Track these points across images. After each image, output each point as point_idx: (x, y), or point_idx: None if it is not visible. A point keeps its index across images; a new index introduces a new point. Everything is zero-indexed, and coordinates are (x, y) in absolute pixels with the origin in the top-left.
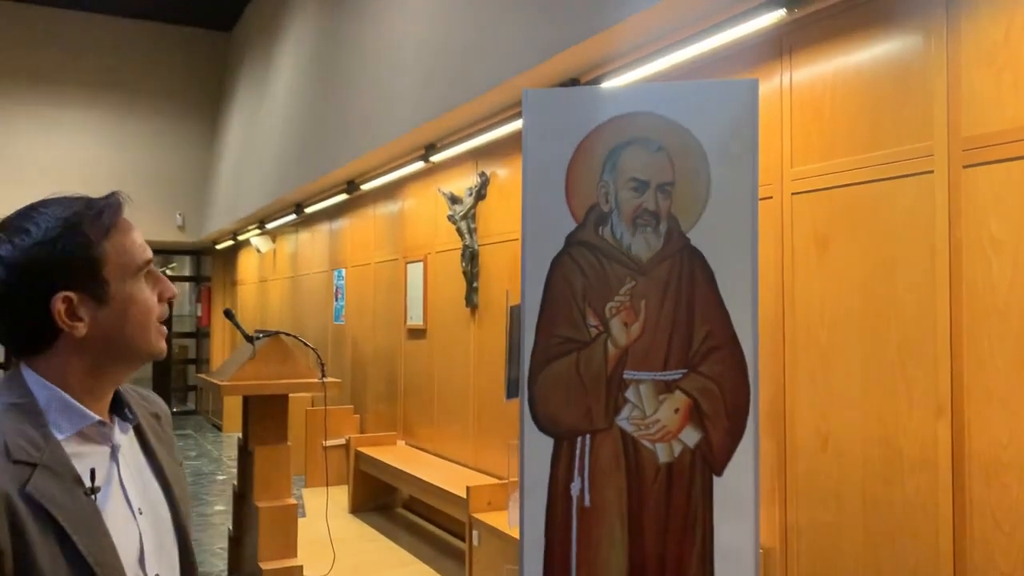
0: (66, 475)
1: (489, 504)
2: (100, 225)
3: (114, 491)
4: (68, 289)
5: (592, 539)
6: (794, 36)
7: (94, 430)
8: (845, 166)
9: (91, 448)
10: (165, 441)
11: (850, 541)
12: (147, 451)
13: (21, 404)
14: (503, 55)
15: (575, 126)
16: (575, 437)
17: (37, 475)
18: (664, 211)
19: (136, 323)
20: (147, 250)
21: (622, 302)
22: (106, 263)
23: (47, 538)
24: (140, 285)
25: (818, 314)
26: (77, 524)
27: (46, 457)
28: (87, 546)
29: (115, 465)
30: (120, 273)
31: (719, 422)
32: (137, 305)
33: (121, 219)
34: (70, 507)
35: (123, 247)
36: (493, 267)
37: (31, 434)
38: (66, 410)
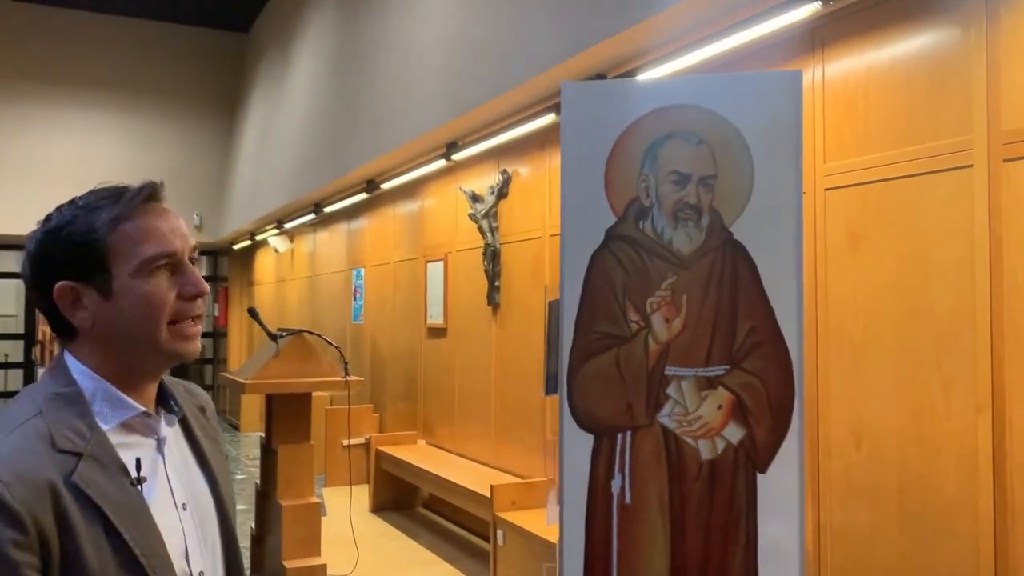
0: (112, 465)
1: (513, 503)
2: (110, 214)
3: (160, 484)
4: (70, 278)
5: (633, 537)
6: (826, 30)
7: (139, 421)
8: (879, 161)
9: (136, 439)
10: (210, 434)
11: (886, 541)
12: (193, 444)
13: (66, 393)
14: (528, 52)
15: (614, 119)
16: (615, 434)
17: (83, 465)
18: (706, 205)
19: (139, 319)
20: (167, 242)
21: (663, 297)
22: (110, 253)
23: (93, 528)
24: (149, 279)
25: (851, 311)
26: (123, 514)
27: (91, 447)
28: (133, 537)
29: (160, 458)
30: (125, 265)
31: (763, 419)
32: (140, 300)
33: (142, 207)
34: (116, 497)
35: (131, 237)
36: (515, 266)
37: (76, 424)
38: (111, 400)
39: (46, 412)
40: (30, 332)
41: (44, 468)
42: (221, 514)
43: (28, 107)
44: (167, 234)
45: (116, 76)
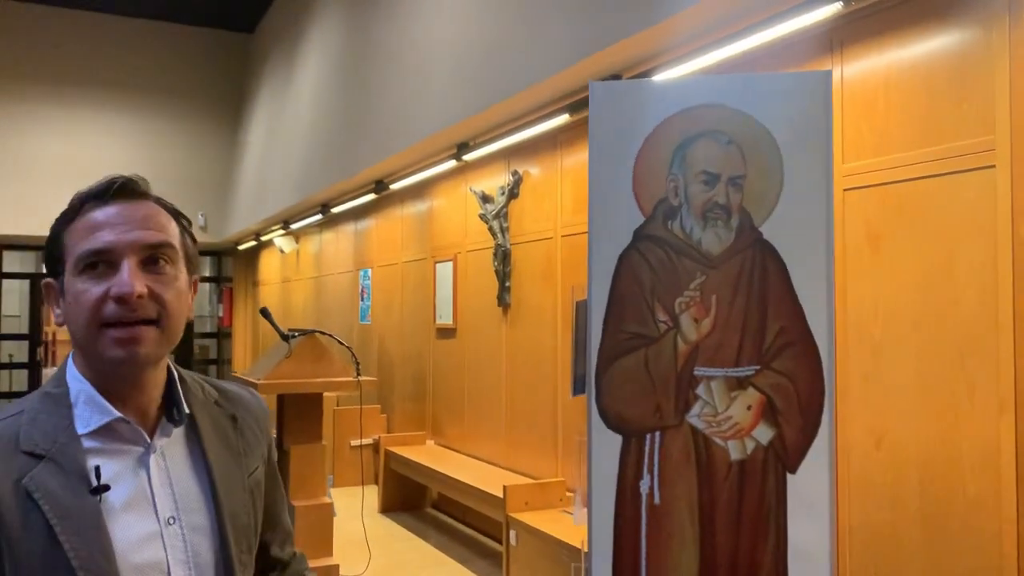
0: (73, 471)
1: (526, 504)
2: (67, 213)
3: (136, 494)
4: (51, 276)
5: (662, 537)
6: (844, 31)
7: (124, 427)
8: (900, 162)
9: (118, 446)
10: (234, 446)
11: (908, 541)
12: (199, 454)
13: (55, 394)
14: (541, 53)
15: (643, 119)
16: (644, 434)
17: (41, 467)
18: (735, 205)
19: (73, 322)
20: (101, 240)
21: (692, 297)
22: (65, 252)
23: (32, 532)
24: (79, 278)
25: (871, 311)
26: (68, 523)
27: (56, 451)
28: (75, 547)
29: (144, 468)
30: (68, 264)
31: (793, 419)
32: (72, 301)
33: (91, 205)
34: (65, 504)
35: (77, 234)
36: (526, 266)
37: (51, 426)
38: (91, 403)
39: (28, 411)
40: (35, 332)
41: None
42: (220, 532)
43: (36, 108)
44: (104, 231)
45: (122, 77)
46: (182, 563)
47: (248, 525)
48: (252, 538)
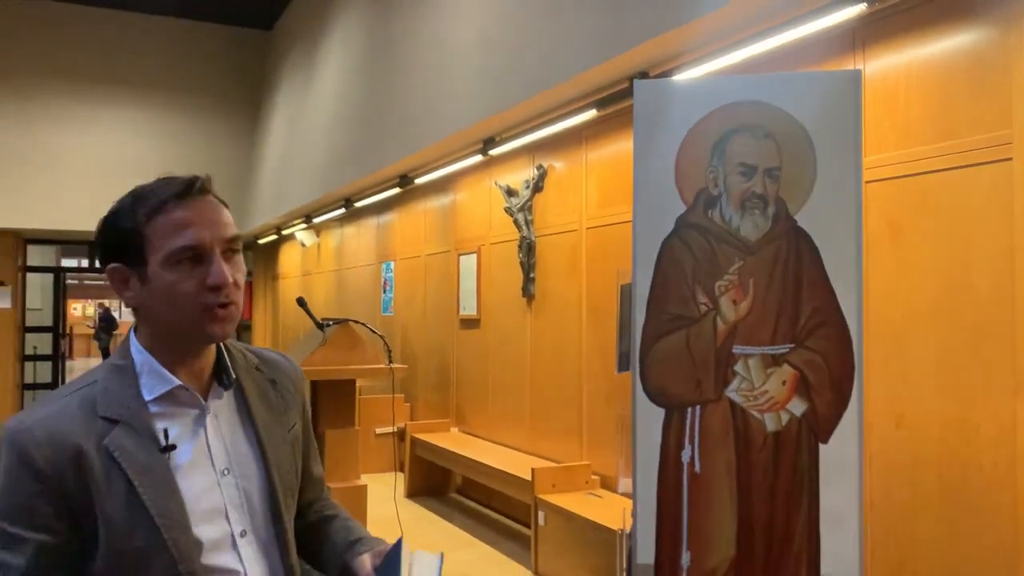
0: (144, 433)
1: (554, 486)
2: (147, 207)
3: (197, 451)
4: (120, 261)
5: (702, 503)
6: (867, 30)
7: (183, 393)
8: (919, 155)
9: (178, 410)
10: (275, 406)
11: (926, 516)
12: (246, 414)
13: (121, 366)
14: (568, 51)
15: (684, 115)
16: (685, 408)
17: (117, 430)
18: (771, 194)
19: (170, 307)
20: (196, 236)
21: (731, 281)
22: (146, 244)
23: (115, 487)
24: (173, 270)
25: (892, 297)
26: (145, 478)
27: (129, 415)
28: (152, 499)
29: (203, 427)
30: (155, 255)
31: (825, 393)
32: (166, 289)
33: (179, 201)
34: (141, 462)
35: (161, 231)
36: (551, 258)
37: (122, 394)
38: (154, 374)
39: (101, 381)
40: (57, 325)
41: (78, 433)
42: (268, 480)
43: (58, 105)
44: (194, 228)
45: (142, 73)
46: (237, 507)
47: (290, 473)
48: (295, 484)
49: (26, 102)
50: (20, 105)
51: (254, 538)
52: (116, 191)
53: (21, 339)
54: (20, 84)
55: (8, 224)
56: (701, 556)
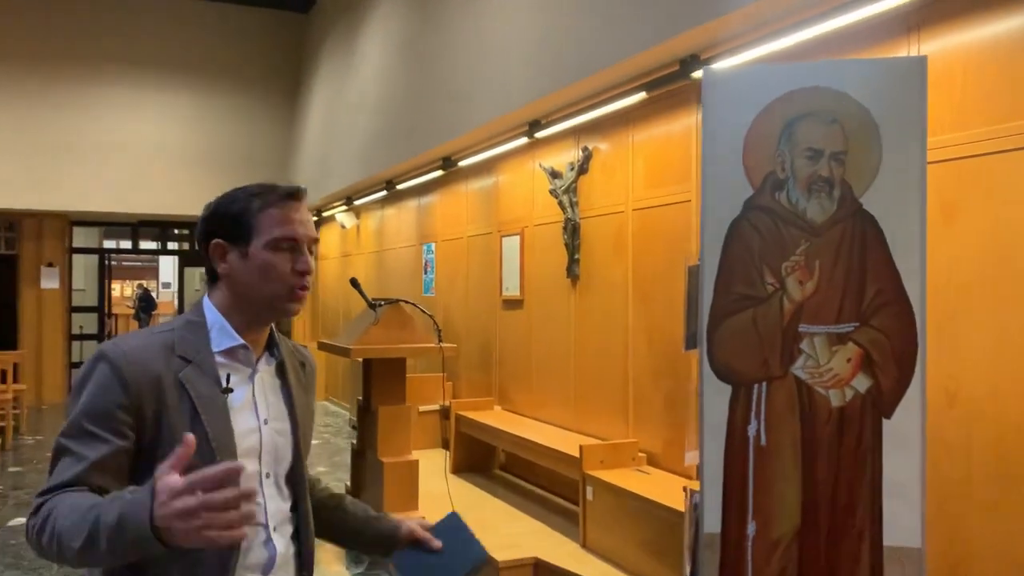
0: (210, 373)
1: (601, 463)
2: (261, 201)
3: (246, 400)
4: (223, 238)
5: (767, 475)
6: (922, 13)
7: (241, 352)
8: (974, 137)
9: (236, 365)
10: (304, 384)
11: (980, 495)
12: (284, 384)
13: (196, 321)
14: (617, 35)
15: (752, 100)
16: (752, 384)
17: (190, 368)
18: (837, 178)
19: (263, 280)
20: (295, 231)
21: (797, 261)
22: (254, 229)
23: (183, 409)
24: (275, 254)
25: (945, 278)
26: (208, 408)
27: (200, 358)
28: (211, 425)
29: (252, 383)
30: (261, 238)
31: (888, 370)
32: (266, 267)
33: (284, 202)
34: (206, 395)
35: (272, 222)
36: (596, 239)
37: (196, 342)
38: (223, 331)
39: (178, 330)
40: (102, 305)
41: (158, 363)
42: (294, 435)
43: (95, 89)
44: (295, 225)
45: (182, 56)
46: (269, 452)
47: (309, 439)
48: (310, 446)
49: (73, 88)
50: (68, 91)
51: (275, 482)
52: (158, 173)
53: (68, 319)
54: (67, 71)
55: (58, 207)
56: (766, 526)
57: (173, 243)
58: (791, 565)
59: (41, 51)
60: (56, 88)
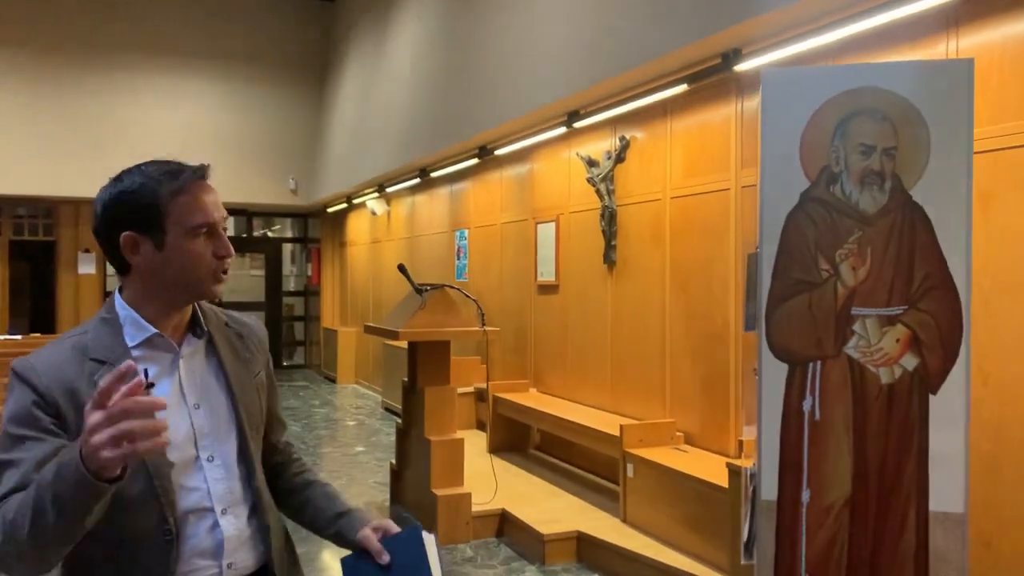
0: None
1: (640, 441)
2: (171, 187)
3: (172, 388)
4: (133, 230)
5: (821, 447)
6: (962, 9)
7: (160, 340)
8: (1012, 130)
9: (156, 354)
10: (242, 355)
11: (1010, 470)
12: (216, 360)
13: (108, 318)
14: (663, 28)
15: (808, 99)
16: (807, 363)
17: (105, 369)
18: (888, 172)
19: (185, 270)
20: (209, 214)
21: (850, 249)
22: (168, 217)
23: None
24: (194, 241)
25: (981, 264)
26: None
27: (115, 357)
28: None
29: (176, 369)
30: (178, 227)
31: (935, 350)
32: (188, 257)
33: (194, 184)
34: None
35: (186, 208)
36: (632, 226)
37: (109, 341)
38: (135, 324)
39: (91, 331)
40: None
41: (71, 371)
42: (235, 413)
43: (127, 77)
44: (210, 208)
45: (211, 45)
46: (206, 435)
47: (256, 411)
48: (260, 420)
49: (107, 77)
50: (102, 80)
51: (221, 462)
52: (190, 160)
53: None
54: (101, 61)
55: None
56: (819, 494)
57: None
58: (842, 529)
59: (74, 42)
60: (90, 77)
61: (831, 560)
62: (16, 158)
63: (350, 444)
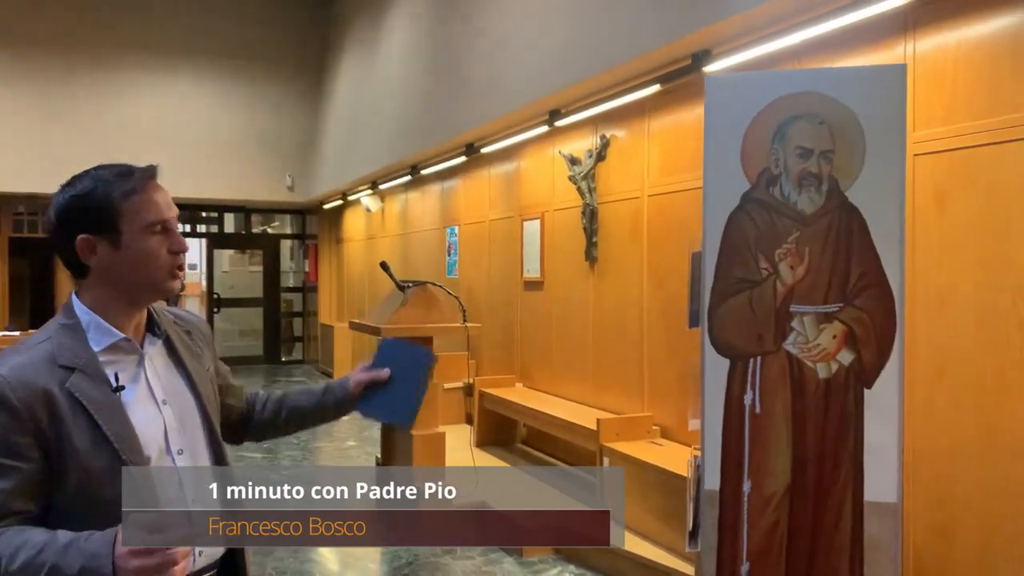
0: (98, 377)
1: (617, 435)
2: (124, 188)
3: (140, 388)
4: (89, 232)
5: (762, 440)
6: (917, 13)
7: (123, 343)
8: (965, 130)
9: (121, 357)
10: (194, 351)
11: (965, 457)
12: (175, 358)
13: (70, 324)
14: (636, 29)
15: (749, 104)
16: (748, 358)
17: (75, 376)
18: (825, 174)
19: (143, 268)
20: (163, 212)
21: (789, 248)
22: (122, 217)
23: (80, 423)
24: (150, 239)
25: (936, 260)
26: (103, 412)
27: (83, 363)
28: (109, 428)
29: (142, 369)
30: (133, 227)
31: (870, 345)
32: (145, 255)
33: (146, 184)
34: (99, 400)
35: (139, 207)
36: (613, 224)
37: (75, 347)
38: (99, 329)
39: (55, 338)
40: None
41: (44, 379)
42: (200, 407)
43: (126, 75)
44: (163, 206)
45: (209, 43)
46: (176, 430)
47: (213, 401)
48: (218, 410)
49: (102, 75)
50: (97, 77)
51: (189, 455)
52: (187, 158)
53: None
54: (96, 58)
55: None
56: (760, 484)
57: (201, 226)
58: (782, 518)
59: (70, 39)
60: (85, 75)
61: (771, 548)
62: (15, 155)
63: (342, 438)
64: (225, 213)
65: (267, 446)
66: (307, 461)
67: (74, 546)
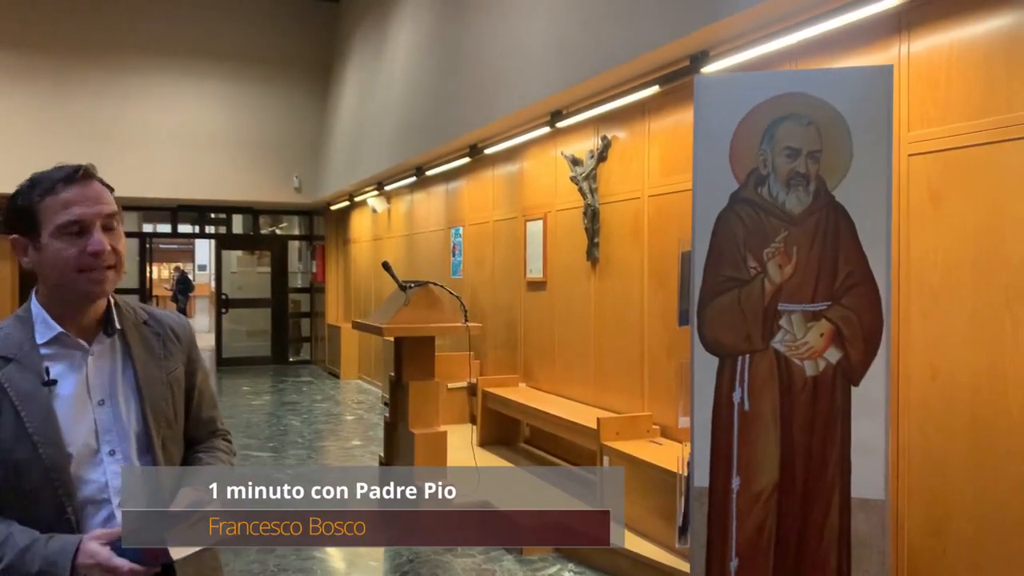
0: (31, 369)
1: (617, 434)
2: (41, 189)
3: (77, 385)
4: (18, 233)
5: (750, 436)
6: (912, 14)
7: (68, 338)
8: (959, 130)
9: (64, 351)
10: (157, 353)
11: (957, 458)
12: (128, 357)
13: (22, 316)
14: (636, 30)
15: (738, 105)
16: (736, 356)
17: (10, 367)
18: (813, 174)
19: (55, 268)
20: (78, 213)
21: (777, 248)
22: (39, 218)
23: (4, 410)
24: (60, 240)
25: (931, 260)
26: (28, 405)
27: (21, 355)
28: (31, 421)
29: (84, 365)
30: (47, 228)
31: (857, 343)
32: (55, 256)
33: (62, 185)
34: (26, 392)
35: (52, 208)
36: (614, 224)
37: (19, 338)
38: (44, 323)
39: (6, 328)
40: (143, 286)
41: None
42: (140, 411)
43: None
44: (77, 207)
45: (217, 45)
46: (109, 431)
47: (167, 408)
48: (171, 417)
49: (112, 77)
50: (107, 79)
51: (122, 457)
52: (195, 159)
53: None
54: (106, 60)
55: None
56: (749, 480)
57: (210, 227)
58: (771, 514)
59: (81, 40)
60: (96, 77)
61: (760, 544)
62: (24, 157)
63: (347, 438)
64: (233, 214)
65: (273, 445)
66: (311, 460)
67: (33, 549)
